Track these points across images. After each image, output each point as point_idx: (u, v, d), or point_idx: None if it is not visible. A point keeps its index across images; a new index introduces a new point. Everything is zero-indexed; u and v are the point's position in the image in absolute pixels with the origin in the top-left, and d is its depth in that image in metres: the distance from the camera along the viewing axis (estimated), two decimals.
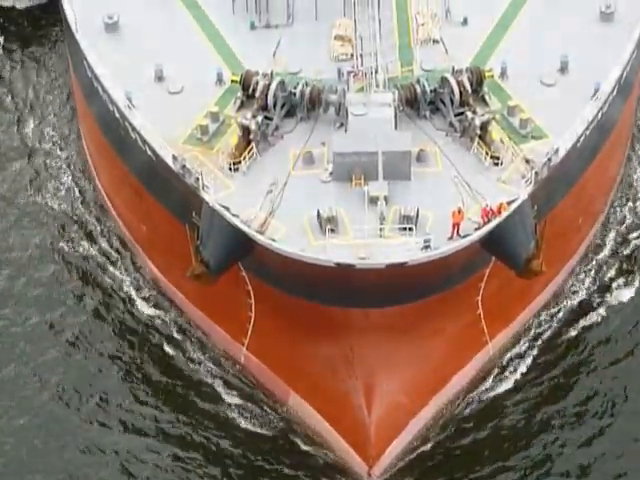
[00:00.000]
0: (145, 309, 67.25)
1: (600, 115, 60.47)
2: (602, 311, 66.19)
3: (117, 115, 60.97)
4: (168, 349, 64.97)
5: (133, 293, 67.83)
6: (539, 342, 64.84)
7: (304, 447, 59.93)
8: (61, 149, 76.62)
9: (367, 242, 51.85)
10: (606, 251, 69.20)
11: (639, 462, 59.05)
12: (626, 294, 67.01)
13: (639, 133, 76.32)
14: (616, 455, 59.48)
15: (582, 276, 67.95)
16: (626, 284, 67.39)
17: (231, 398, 62.35)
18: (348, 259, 51.12)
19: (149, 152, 58.63)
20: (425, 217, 53.82)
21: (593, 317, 65.91)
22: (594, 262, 68.62)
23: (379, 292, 53.44)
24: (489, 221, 52.84)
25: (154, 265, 67.67)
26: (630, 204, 71.53)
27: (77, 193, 73.79)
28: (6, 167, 76.01)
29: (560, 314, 66.19)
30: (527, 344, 64.68)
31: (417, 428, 59.48)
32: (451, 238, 52.99)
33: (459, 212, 52.99)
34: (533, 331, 65.20)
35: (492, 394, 62.45)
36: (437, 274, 54.05)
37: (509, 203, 53.83)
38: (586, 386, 63.02)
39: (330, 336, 57.38)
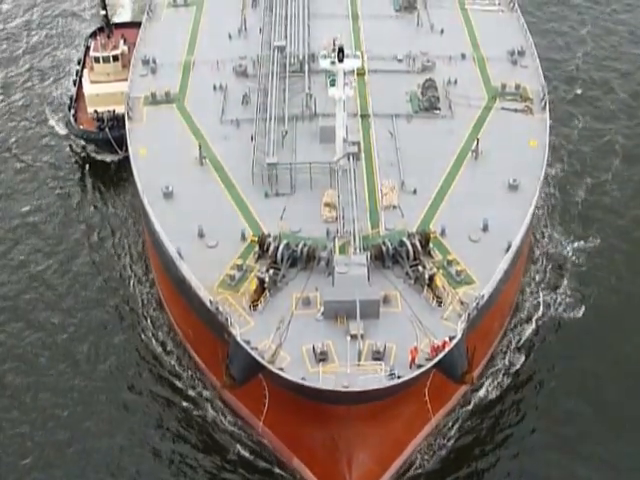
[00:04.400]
0: (189, 391, 61.36)
1: (511, 263, 55.76)
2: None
3: (172, 263, 56.35)
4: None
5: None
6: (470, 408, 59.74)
7: None
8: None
9: (349, 373, 47.70)
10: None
11: None
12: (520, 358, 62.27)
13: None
14: None
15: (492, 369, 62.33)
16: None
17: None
18: (335, 387, 47.08)
19: (195, 293, 53.98)
20: (390, 348, 49.63)
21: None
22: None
23: (358, 398, 48.70)
24: (437, 354, 48.56)
25: (198, 357, 62.23)
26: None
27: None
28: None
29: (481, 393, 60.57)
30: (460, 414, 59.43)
31: None
32: (410, 367, 48.65)
33: (415, 349, 48.94)
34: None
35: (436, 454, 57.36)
36: (399, 385, 49.36)
37: (450, 339, 49.35)
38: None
39: (322, 422, 52.82)
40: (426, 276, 52.90)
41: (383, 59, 74.07)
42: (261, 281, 53.06)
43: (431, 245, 55.99)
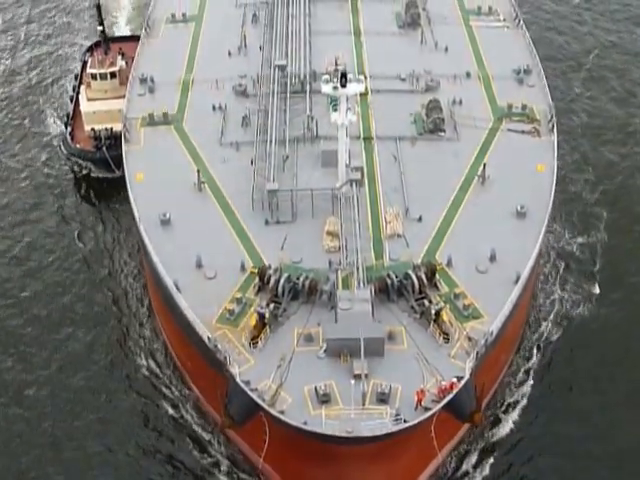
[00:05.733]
0: (189, 418, 59.16)
1: (520, 294, 53.56)
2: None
3: (169, 294, 54.20)
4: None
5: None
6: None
7: None
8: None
9: (353, 417, 45.39)
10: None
11: None
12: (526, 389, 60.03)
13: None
14: None
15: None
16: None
17: None
18: (339, 432, 44.75)
19: (193, 328, 51.80)
20: (395, 389, 47.26)
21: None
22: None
23: (362, 442, 46.49)
24: (444, 397, 46.44)
25: (195, 387, 60.03)
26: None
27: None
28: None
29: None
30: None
31: None
32: (416, 409, 46.37)
33: (422, 391, 46.60)
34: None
35: None
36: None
37: (458, 379, 47.17)
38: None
39: (325, 460, 50.32)
40: (432, 311, 50.62)
41: (386, 78, 72.01)
42: (261, 316, 50.73)
43: (437, 277, 53.80)
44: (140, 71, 74.73)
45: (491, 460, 56.40)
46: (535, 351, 62.49)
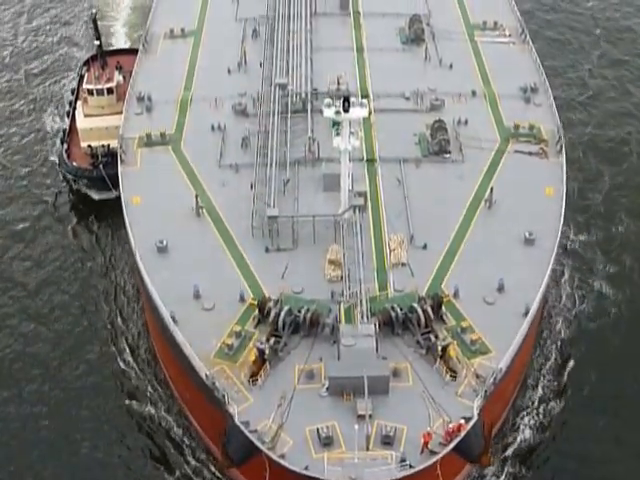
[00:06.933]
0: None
1: (529, 328, 51.56)
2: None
3: (166, 325, 52.17)
4: None
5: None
6: None
7: None
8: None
9: (357, 462, 42.91)
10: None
11: None
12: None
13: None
14: None
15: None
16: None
17: None
18: (342, 479, 42.32)
19: (190, 362, 49.81)
20: (401, 431, 45.08)
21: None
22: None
23: None
24: (451, 440, 44.36)
25: (193, 418, 57.83)
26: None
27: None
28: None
29: None
30: None
31: None
32: (422, 452, 44.17)
33: (428, 434, 44.33)
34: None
35: None
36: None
37: (466, 420, 45.05)
38: None
39: None
40: (439, 347, 48.54)
41: (389, 97, 70.02)
42: (261, 352, 48.62)
43: (444, 309, 51.77)
44: (137, 89, 72.68)
45: None
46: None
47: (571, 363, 61.16)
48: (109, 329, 65.06)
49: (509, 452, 55.83)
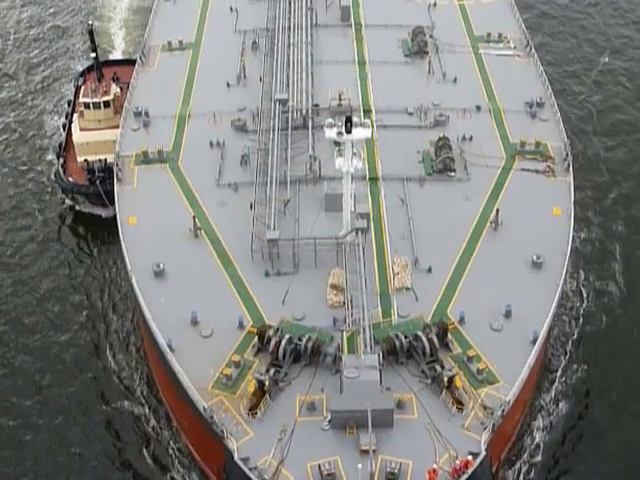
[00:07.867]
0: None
1: (537, 355, 49.96)
2: None
3: (163, 355, 50.55)
4: None
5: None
6: None
7: None
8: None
9: None
10: None
11: None
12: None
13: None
14: None
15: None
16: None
17: None
18: None
19: (188, 394, 48.10)
20: (406, 466, 43.31)
21: None
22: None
23: None
24: (458, 477, 42.55)
25: (192, 447, 55.97)
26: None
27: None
28: None
29: None
30: None
31: None
32: None
33: (434, 471, 42.55)
34: None
35: None
36: None
37: (474, 456, 43.34)
38: None
39: None
40: (445, 378, 46.83)
41: (392, 112, 68.38)
42: (260, 384, 46.96)
43: (449, 337, 50.13)
44: (134, 104, 71.03)
45: None
46: None
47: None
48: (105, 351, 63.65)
49: None
